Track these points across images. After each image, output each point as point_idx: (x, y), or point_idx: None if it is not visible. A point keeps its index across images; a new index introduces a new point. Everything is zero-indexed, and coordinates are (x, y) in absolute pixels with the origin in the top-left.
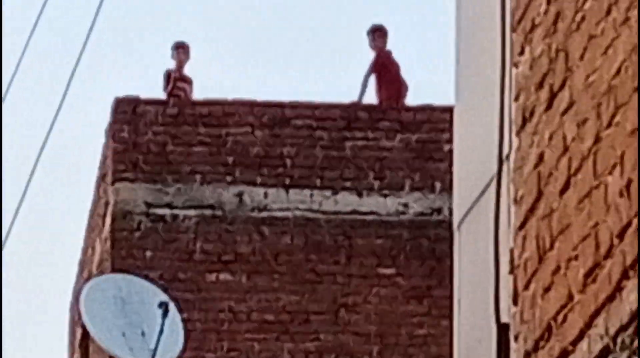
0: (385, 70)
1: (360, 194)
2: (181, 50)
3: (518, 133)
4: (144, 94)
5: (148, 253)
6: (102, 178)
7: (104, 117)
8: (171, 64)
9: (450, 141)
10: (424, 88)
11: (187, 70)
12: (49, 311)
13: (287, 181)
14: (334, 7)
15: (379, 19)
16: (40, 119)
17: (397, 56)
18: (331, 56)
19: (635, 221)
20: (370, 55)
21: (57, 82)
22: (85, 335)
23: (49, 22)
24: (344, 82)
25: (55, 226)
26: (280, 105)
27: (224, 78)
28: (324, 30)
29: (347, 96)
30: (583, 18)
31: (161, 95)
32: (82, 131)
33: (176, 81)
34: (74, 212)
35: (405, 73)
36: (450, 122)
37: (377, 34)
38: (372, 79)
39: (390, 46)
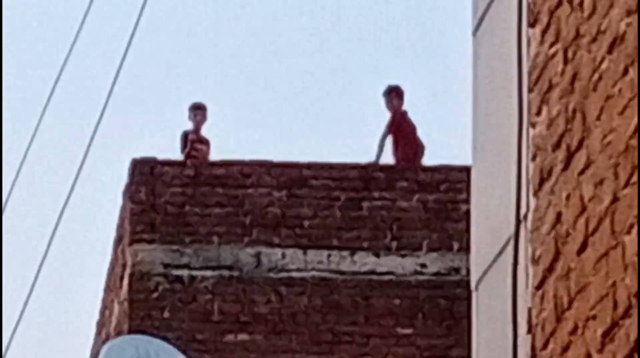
0: (401, 130)
1: (377, 255)
2: (199, 111)
3: (535, 193)
4: (162, 156)
5: (166, 314)
6: (119, 239)
7: (122, 179)
8: (188, 125)
9: (467, 201)
10: (441, 148)
11: (205, 131)
12: None
13: (305, 241)
14: (350, 68)
15: (396, 80)
16: (58, 182)
17: (413, 116)
18: (348, 117)
19: None
20: (386, 116)
21: (77, 142)
22: None
23: (68, 82)
24: (361, 143)
25: (73, 288)
26: (297, 166)
27: (241, 139)
28: (341, 91)
29: (364, 157)
30: (600, 78)
31: (178, 156)
32: (100, 193)
33: (193, 142)
34: (91, 274)
35: (421, 133)
36: (468, 182)
37: (393, 94)
38: (389, 140)
39: (406, 106)
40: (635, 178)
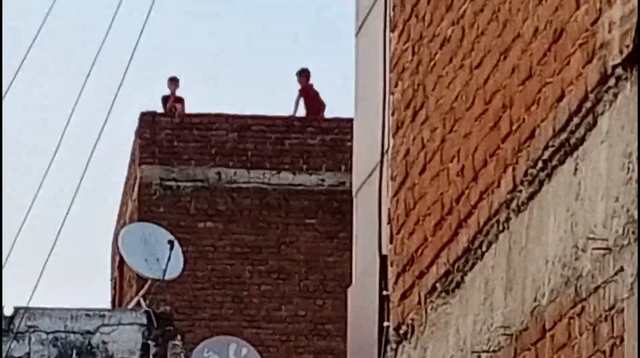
0: (308, 95)
1: (294, 173)
2: (174, 82)
3: (393, 136)
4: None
5: (161, 209)
6: (132, 161)
7: (134, 123)
8: (167, 91)
9: (351, 140)
10: (336, 107)
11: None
12: (102, 246)
13: (249, 164)
14: (276, 47)
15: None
16: (89, 126)
17: (320, 88)
18: (273, 81)
19: (467, 191)
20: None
21: (103, 99)
22: (121, 260)
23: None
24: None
25: (104, 192)
26: (244, 117)
27: (204, 98)
28: (275, 64)
29: (286, 111)
30: (435, 65)
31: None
32: (120, 133)
33: (173, 101)
34: (115, 184)
35: (324, 97)
36: (351, 128)
37: (303, 74)
38: (301, 101)
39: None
40: (456, 127)
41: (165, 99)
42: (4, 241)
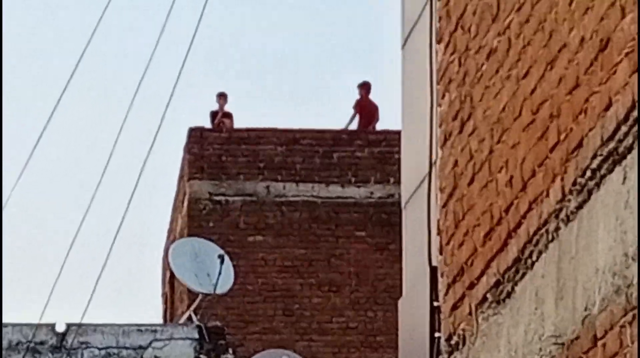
0: (363, 109)
1: (342, 186)
2: (222, 97)
3: (441, 147)
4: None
5: (211, 224)
6: (181, 177)
7: (182, 140)
8: (215, 107)
9: (399, 152)
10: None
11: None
12: (152, 261)
13: (297, 178)
14: (333, 59)
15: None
16: (141, 141)
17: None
18: (326, 97)
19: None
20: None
21: (152, 116)
22: (172, 275)
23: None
24: (332, 114)
25: (155, 209)
26: (291, 131)
27: (252, 112)
28: (323, 76)
29: (335, 124)
30: (481, 76)
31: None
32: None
33: (222, 117)
34: (165, 201)
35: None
36: (399, 140)
37: (363, 87)
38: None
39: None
40: (504, 137)
41: (213, 115)
42: (57, 258)
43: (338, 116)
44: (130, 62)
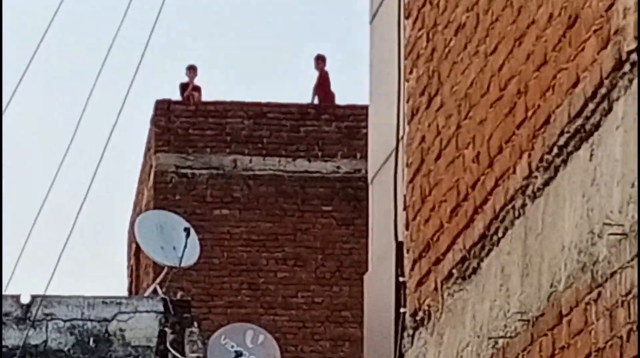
0: (324, 85)
1: (309, 160)
2: (192, 70)
3: (409, 122)
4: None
5: (177, 197)
6: (148, 149)
7: (149, 112)
8: (185, 79)
9: (366, 127)
10: (350, 93)
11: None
12: (118, 234)
13: (264, 151)
14: (290, 34)
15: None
16: (106, 114)
17: (332, 73)
18: (289, 72)
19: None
20: (314, 71)
21: (118, 89)
22: (138, 248)
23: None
24: (297, 88)
25: (120, 182)
26: (259, 104)
27: (219, 85)
28: (283, 51)
29: (301, 98)
30: (449, 51)
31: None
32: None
33: (191, 90)
34: (130, 172)
35: (338, 83)
36: (367, 115)
37: (320, 60)
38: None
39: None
40: (471, 113)
41: (183, 87)
42: (21, 230)
43: (302, 90)
44: (98, 33)
